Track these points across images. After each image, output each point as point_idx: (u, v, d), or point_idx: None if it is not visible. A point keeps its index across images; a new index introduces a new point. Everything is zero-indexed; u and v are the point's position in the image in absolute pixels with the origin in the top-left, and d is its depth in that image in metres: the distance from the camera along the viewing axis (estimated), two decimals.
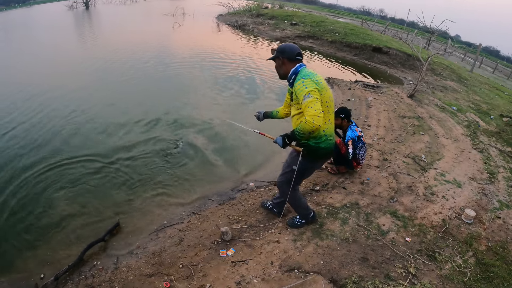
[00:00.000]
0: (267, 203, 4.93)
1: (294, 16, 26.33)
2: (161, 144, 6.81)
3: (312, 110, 3.30)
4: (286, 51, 3.68)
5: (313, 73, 3.56)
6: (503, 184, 6.28)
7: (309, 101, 3.33)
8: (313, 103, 3.32)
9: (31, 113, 7.99)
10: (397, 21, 59.46)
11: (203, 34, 21.48)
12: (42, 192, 5.25)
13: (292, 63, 3.67)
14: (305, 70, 3.60)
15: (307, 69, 3.64)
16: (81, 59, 13.26)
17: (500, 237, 4.78)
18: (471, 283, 3.88)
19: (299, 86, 3.48)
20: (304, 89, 3.40)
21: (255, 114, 4.53)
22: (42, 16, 26.94)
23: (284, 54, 3.68)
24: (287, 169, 4.08)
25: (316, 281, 3.73)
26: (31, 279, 3.83)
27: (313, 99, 3.33)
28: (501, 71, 32.77)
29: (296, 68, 3.65)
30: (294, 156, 4.00)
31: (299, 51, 3.70)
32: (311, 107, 3.31)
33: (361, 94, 10.95)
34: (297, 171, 3.90)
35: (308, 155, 3.79)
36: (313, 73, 3.57)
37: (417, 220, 4.92)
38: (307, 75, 3.51)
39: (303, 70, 3.60)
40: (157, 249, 4.23)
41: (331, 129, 3.78)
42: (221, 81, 11.33)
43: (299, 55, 3.68)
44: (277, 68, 3.82)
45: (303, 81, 3.46)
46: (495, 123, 9.71)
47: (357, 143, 5.63)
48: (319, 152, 3.75)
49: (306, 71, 3.59)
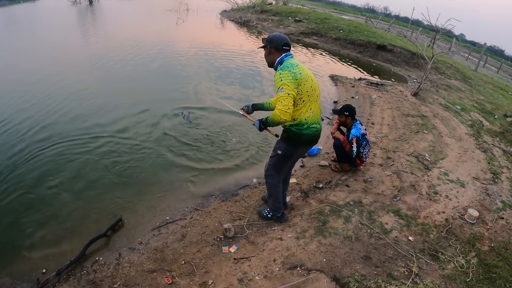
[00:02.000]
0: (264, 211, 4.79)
1: (298, 12, 26.24)
2: (163, 139, 6.80)
3: (281, 105, 3.50)
4: (274, 40, 3.79)
5: (293, 65, 3.64)
6: (506, 184, 6.26)
7: (281, 95, 3.51)
8: (284, 98, 3.49)
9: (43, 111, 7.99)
10: (402, 19, 59.37)
11: (207, 30, 21.44)
12: (44, 187, 5.24)
13: (278, 53, 3.77)
14: (288, 61, 3.69)
15: (291, 60, 3.72)
16: (90, 57, 13.18)
17: (503, 238, 4.77)
18: (473, 284, 3.87)
19: (276, 77, 3.61)
20: (279, 82, 3.55)
21: (243, 107, 4.59)
22: (45, 12, 26.87)
23: (272, 44, 3.78)
24: (273, 154, 4.22)
25: (318, 279, 3.72)
26: (33, 274, 3.82)
27: (284, 94, 3.50)
28: (506, 70, 32.65)
29: (282, 58, 3.75)
30: (278, 141, 4.13)
31: (287, 41, 3.80)
32: (281, 102, 3.50)
33: (365, 92, 10.92)
34: (280, 156, 4.10)
35: (290, 141, 3.95)
36: (293, 64, 3.65)
37: (420, 219, 4.91)
38: (286, 67, 3.62)
39: (287, 61, 3.70)
40: (159, 245, 4.22)
41: (314, 117, 3.87)
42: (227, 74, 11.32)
43: (286, 45, 3.77)
44: (265, 56, 3.93)
45: (281, 73, 3.58)
46: (499, 123, 9.67)
47: (361, 141, 5.62)
48: (301, 138, 3.87)
49: (288, 62, 3.68)
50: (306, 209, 4.93)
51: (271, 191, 4.46)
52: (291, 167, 4.57)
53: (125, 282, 3.68)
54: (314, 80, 3.85)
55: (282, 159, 4.15)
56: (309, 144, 4.11)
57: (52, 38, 16.05)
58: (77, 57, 12.72)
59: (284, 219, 4.66)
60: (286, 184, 4.72)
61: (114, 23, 23.11)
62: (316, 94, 3.86)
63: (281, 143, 4.05)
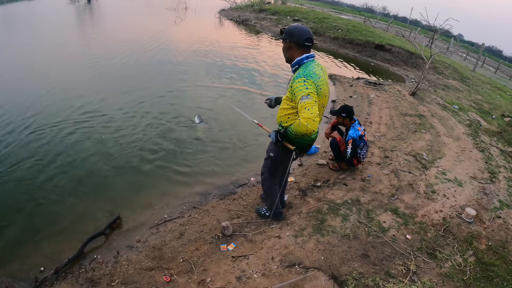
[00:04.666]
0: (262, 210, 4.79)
1: (297, 12, 26.29)
2: (162, 138, 6.80)
3: (308, 113, 3.12)
4: (295, 34, 3.34)
5: (317, 75, 3.28)
6: (503, 184, 6.27)
7: (308, 102, 3.14)
8: (311, 105, 3.14)
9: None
10: (400, 18, 59.43)
11: (206, 29, 21.42)
12: (41, 185, 5.24)
13: (299, 50, 3.38)
14: (312, 69, 3.30)
15: (315, 67, 3.34)
16: (89, 56, 13.18)
17: (500, 237, 4.78)
18: (470, 282, 3.88)
19: (299, 84, 3.23)
20: (304, 90, 3.18)
21: (266, 101, 4.32)
22: (43, 10, 26.81)
23: (292, 38, 3.35)
24: (266, 156, 4.15)
25: (316, 277, 3.73)
26: (31, 272, 3.82)
27: (312, 101, 3.15)
28: (503, 71, 32.68)
29: (302, 59, 3.37)
30: (271, 143, 3.94)
31: (310, 35, 3.34)
32: (307, 109, 3.13)
33: (363, 91, 10.93)
34: (273, 159, 4.01)
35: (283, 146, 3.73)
36: (317, 75, 3.28)
37: (418, 218, 4.92)
38: (311, 76, 3.23)
39: (309, 66, 3.31)
40: (157, 243, 4.23)
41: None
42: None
43: (309, 40, 3.33)
44: (283, 50, 3.53)
45: (305, 82, 3.21)
46: (497, 123, 9.69)
47: (359, 143, 5.61)
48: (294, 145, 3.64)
49: (312, 69, 3.29)
50: (304, 207, 4.94)
51: (267, 193, 4.44)
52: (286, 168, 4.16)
53: (123, 280, 3.69)
54: (327, 95, 3.56)
55: (275, 162, 4.03)
56: (303, 151, 3.88)
57: (49, 38, 16.01)
58: (78, 57, 12.72)
59: (282, 217, 4.65)
60: (285, 183, 4.63)
61: (112, 22, 23.06)
62: (323, 111, 3.63)
63: (273, 146, 3.86)
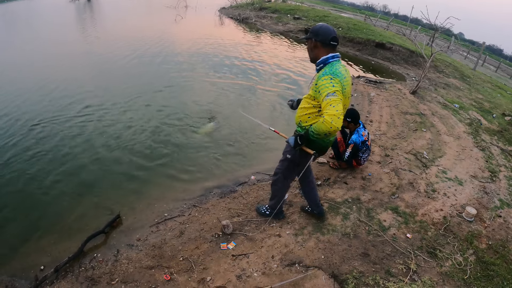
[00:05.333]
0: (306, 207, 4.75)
1: (297, 10, 26.26)
2: (161, 136, 6.80)
3: (333, 109, 3.02)
4: (320, 33, 3.31)
5: (343, 75, 3.23)
6: (504, 183, 6.27)
7: (333, 99, 3.06)
8: (337, 102, 3.05)
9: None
10: (401, 17, 59.41)
11: (206, 27, 21.40)
12: (41, 184, 5.24)
13: (325, 49, 3.34)
14: (338, 68, 3.25)
15: (341, 67, 3.29)
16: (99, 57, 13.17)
17: (500, 236, 4.78)
18: (471, 281, 3.88)
19: (325, 82, 3.17)
20: (331, 87, 3.10)
21: (288, 102, 4.18)
22: (43, 9, 26.78)
23: (318, 37, 3.31)
24: (282, 157, 4.02)
25: (316, 276, 3.73)
26: (31, 271, 3.82)
27: (337, 99, 3.06)
28: (504, 70, 32.65)
29: (327, 59, 3.32)
30: (288, 145, 3.82)
31: (335, 35, 3.32)
32: (333, 106, 3.04)
33: (364, 90, 10.92)
34: (289, 161, 3.88)
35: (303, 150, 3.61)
36: (343, 75, 3.23)
37: (418, 216, 4.91)
38: (337, 75, 3.18)
39: (335, 65, 3.27)
40: (157, 242, 4.22)
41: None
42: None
43: (334, 39, 3.31)
44: (308, 50, 3.48)
45: (332, 80, 3.15)
46: (497, 122, 9.68)
47: (361, 147, 5.56)
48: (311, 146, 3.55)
49: (338, 68, 3.24)
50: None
51: (276, 193, 4.35)
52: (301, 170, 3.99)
53: (123, 279, 3.69)
54: (350, 97, 3.49)
55: (292, 165, 3.91)
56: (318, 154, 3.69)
57: (50, 36, 16.00)
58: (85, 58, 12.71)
59: (282, 216, 4.64)
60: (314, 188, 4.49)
61: (112, 20, 23.04)
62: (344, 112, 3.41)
63: (291, 148, 3.71)
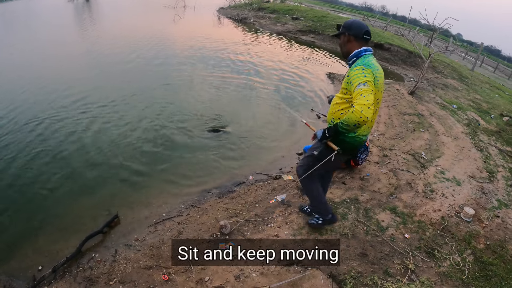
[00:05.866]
0: (305, 207, 4.73)
1: (296, 10, 26.22)
2: (160, 136, 6.78)
3: (363, 99, 2.98)
4: (353, 27, 3.34)
5: (376, 67, 3.22)
6: (502, 183, 6.28)
7: (364, 89, 3.03)
8: (368, 92, 3.01)
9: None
10: (399, 18, 59.38)
11: (205, 27, 21.38)
12: (39, 184, 5.22)
13: (358, 42, 3.34)
14: (370, 59, 3.26)
15: (373, 60, 3.29)
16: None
17: (498, 236, 4.79)
18: (469, 281, 3.89)
19: (357, 72, 3.15)
20: (362, 78, 3.08)
21: (328, 96, 4.05)
22: (42, 9, 26.70)
23: (351, 31, 3.34)
24: (308, 153, 3.89)
25: (315, 276, 3.73)
26: (29, 271, 3.82)
27: (368, 89, 3.03)
28: (502, 70, 32.70)
29: (361, 52, 3.31)
30: (317, 141, 3.71)
31: (368, 29, 3.35)
32: (364, 96, 3.00)
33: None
34: (315, 158, 3.70)
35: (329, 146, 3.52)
36: (376, 67, 3.23)
37: (416, 217, 4.92)
38: (370, 66, 3.17)
39: (367, 57, 3.27)
40: (155, 242, 4.22)
41: (364, 130, 3.47)
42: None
43: (367, 33, 3.33)
44: (341, 45, 3.47)
45: (364, 70, 3.14)
46: (495, 122, 9.69)
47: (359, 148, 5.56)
48: (341, 143, 3.46)
49: (370, 60, 3.25)
50: None
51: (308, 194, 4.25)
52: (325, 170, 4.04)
53: (122, 279, 3.68)
54: (382, 91, 3.41)
55: (316, 162, 3.71)
56: (349, 153, 3.75)
57: (48, 37, 15.97)
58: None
59: (335, 219, 4.43)
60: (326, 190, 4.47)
61: (111, 20, 23.00)
62: (378, 107, 3.43)
63: (319, 145, 3.64)
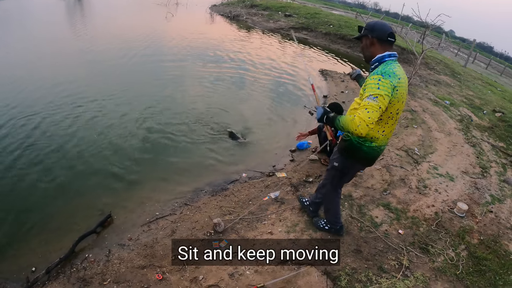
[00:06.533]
0: (305, 199, 4.74)
1: (288, 7, 26.28)
2: (152, 135, 6.74)
3: (366, 115, 2.83)
4: (376, 29, 3.10)
5: (396, 75, 2.96)
6: (495, 178, 6.31)
7: (371, 105, 2.85)
8: (373, 109, 2.84)
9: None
10: (392, 14, 59.51)
11: (197, 24, 21.31)
12: (31, 184, 5.17)
13: (382, 46, 3.10)
14: (392, 68, 2.99)
15: (396, 67, 3.02)
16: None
17: (492, 231, 4.81)
18: (463, 276, 3.90)
19: (373, 81, 2.93)
20: (375, 90, 2.88)
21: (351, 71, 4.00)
22: (34, 7, 26.44)
23: (374, 33, 3.10)
24: (329, 166, 3.83)
25: (309, 273, 3.72)
26: (22, 273, 3.78)
27: (376, 105, 2.85)
28: (494, 67, 32.92)
29: (384, 57, 3.07)
30: (335, 152, 3.67)
31: (392, 30, 3.10)
32: (367, 111, 2.84)
33: (355, 87, 10.95)
34: (337, 170, 3.65)
35: (347, 153, 3.47)
36: (397, 75, 2.97)
37: (410, 212, 4.93)
38: (389, 75, 2.93)
39: (391, 66, 3.00)
40: (149, 241, 4.19)
41: (382, 140, 3.30)
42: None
43: (392, 35, 3.08)
44: (364, 48, 3.26)
45: (380, 80, 2.91)
46: (488, 118, 9.74)
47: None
48: (358, 154, 3.37)
49: (392, 68, 2.98)
50: (297, 203, 4.92)
51: (329, 206, 4.17)
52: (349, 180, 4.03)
53: (115, 279, 3.65)
54: (404, 101, 3.16)
55: (339, 174, 3.68)
56: (366, 164, 3.61)
57: (42, 35, 15.82)
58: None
59: (343, 232, 4.33)
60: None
61: (104, 18, 22.84)
62: (397, 118, 3.22)
63: (338, 155, 3.58)
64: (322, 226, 4.38)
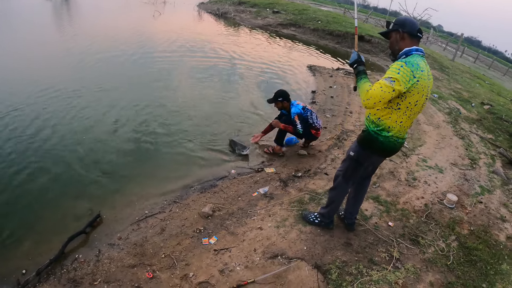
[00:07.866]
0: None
1: (276, 4, 26.29)
2: (140, 133, 6.68)
3: (379, 92, 2.95)
4: (407, 24, 3.16)
5: (420, 67, 3.00)
6: (484, 169, 6.36)
7: (387, 85, 2.94)
8: (387, 89, 2.93)
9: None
10: (380, 10, 59.95)
11: (185, 23, 21.22)
12: (18, 184, 5.10)
13: (411, 41, 3.16)
14: (417, 59, 3.03)
15: (421, 61, 3.07)
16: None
17: (482, 221, 4.85)
18: (454, 266, 3.92)
19: (395, 66, 3.00)
20: (395, 73, 2.94)
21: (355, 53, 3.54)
22: (20, 7, 26.18)
23: (405, 28, 3.15)
24: (345, 157, 3.83)
25: (299, 267, 3.71)
26: (12, 275, 3.71)
27: (390, 87, 2.93)
28: (482, 61, 33.32)
29: (411, 50, 3.11)
30: (354, 142, 3.69)
31: (419, 27, 3.20)
32: (381, 89, 2.95)
33: (343, 82, 10.98)
34: (352, 159, 3.65)
35: (364, 144, 3.48)
36: (420, 66, 3.00)
37: (400, 205, 4.95)
38: (412, 65, 2.97)
39: (415, 57, 3.06)
40: (139, 240, 4.15)
41: (400, 130, 3.28)
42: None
43: (420, 31, 3.17)
44: (393, 43, 3.29)
45: (402, 67, 2.96)
46: (476, 111, 9.83)
47: (305, 114, 5.90)
48: (375, 144, 3.37)
49: (416, 59, 3.03)
50: (286, 198, 4.92)
51: (333, 199, 4.11)
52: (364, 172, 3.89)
53: (106, 279, 3.61)
54: (426, 96, 3.18)
55: (354, 164, 3.67)
56: (383, 154, 3.59)
57: (29, 37, 15.64)
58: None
59: (333, 225, 4.35)
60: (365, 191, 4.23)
61: (91, 18, 22.65)
62: (417, 111, 3.23)
63: (355, 145, 3.60)
64: (312, 220, 4.39)
